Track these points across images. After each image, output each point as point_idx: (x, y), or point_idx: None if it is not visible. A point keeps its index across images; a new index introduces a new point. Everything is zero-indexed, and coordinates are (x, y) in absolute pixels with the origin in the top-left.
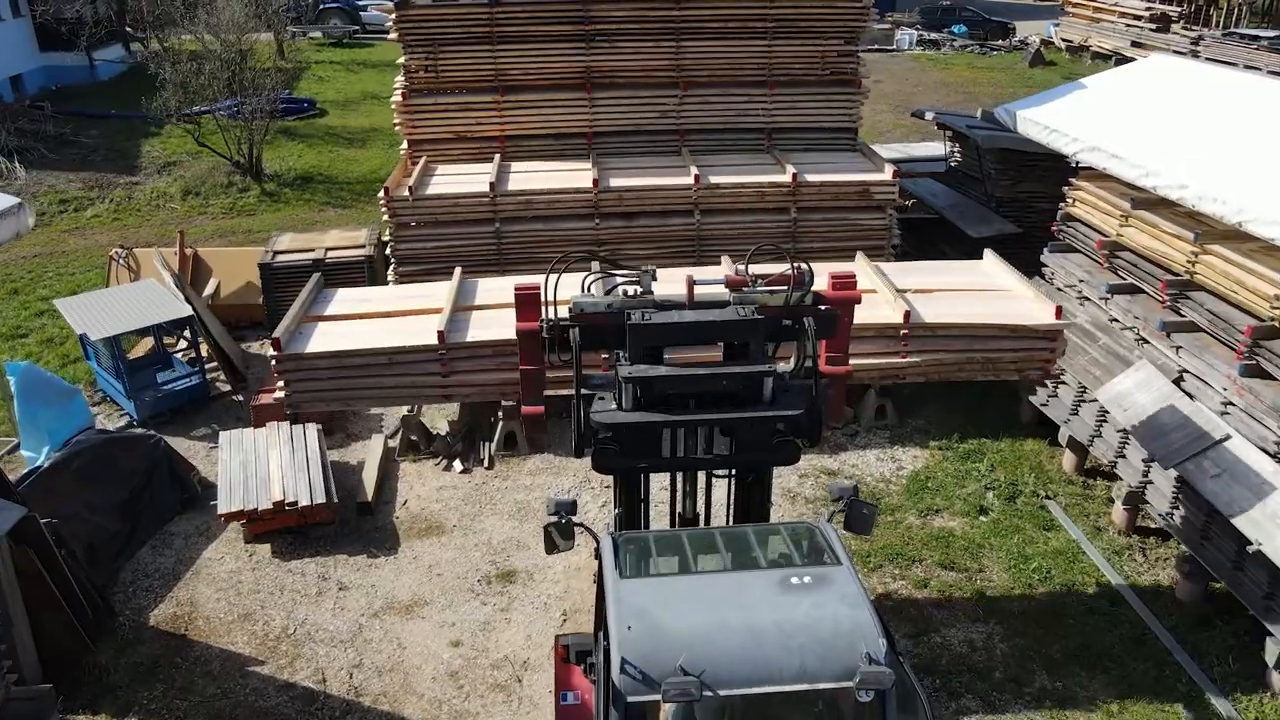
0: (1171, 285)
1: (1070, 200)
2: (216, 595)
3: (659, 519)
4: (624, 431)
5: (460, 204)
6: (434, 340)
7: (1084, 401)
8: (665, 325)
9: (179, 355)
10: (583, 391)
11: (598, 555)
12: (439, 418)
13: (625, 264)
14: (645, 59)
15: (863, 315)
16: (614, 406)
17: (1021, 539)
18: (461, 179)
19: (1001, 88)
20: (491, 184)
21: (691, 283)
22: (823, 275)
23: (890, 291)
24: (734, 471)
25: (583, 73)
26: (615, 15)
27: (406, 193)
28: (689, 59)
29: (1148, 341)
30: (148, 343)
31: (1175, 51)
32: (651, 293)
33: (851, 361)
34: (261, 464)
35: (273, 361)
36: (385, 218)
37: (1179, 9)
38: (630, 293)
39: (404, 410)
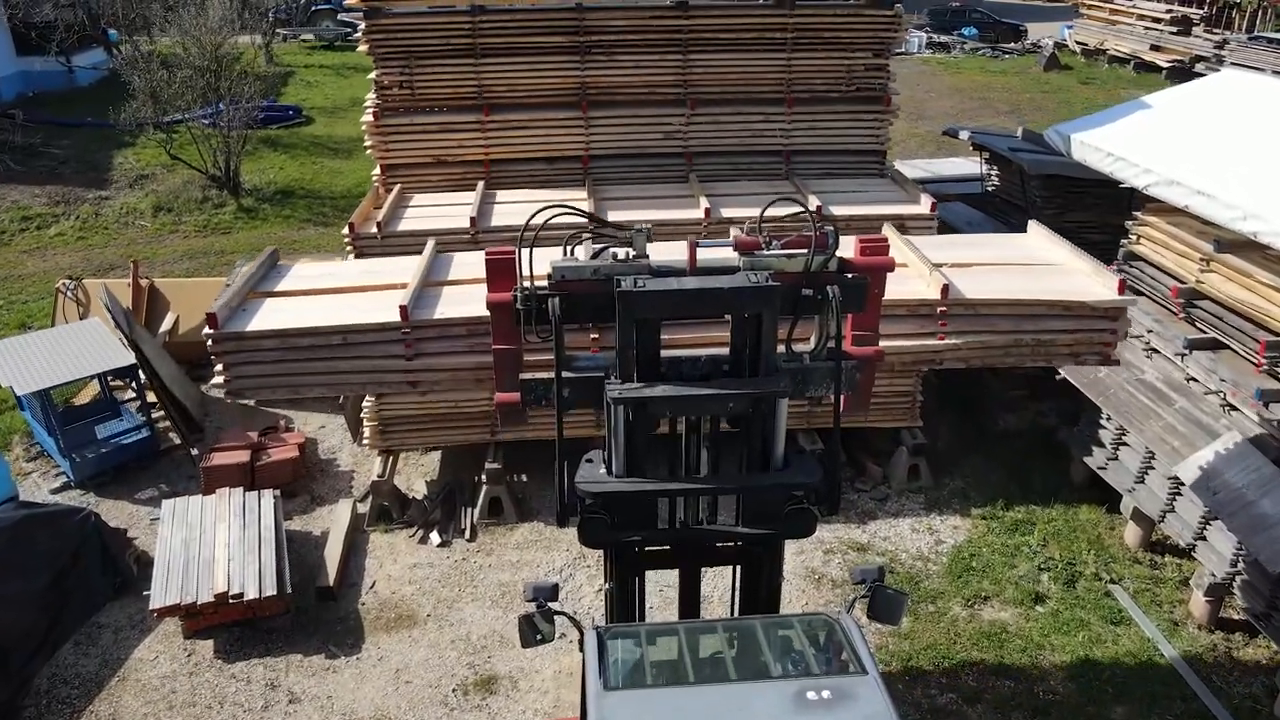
0: (1271, 346)
1: (1134, 237)
2: (144, 710)
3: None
4: (615, 501)
5: (437, 242)
6: (396, 317)
7: (1151, 469)
8: (662, 293)
9: (128, 404)
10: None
11: (583, 648)
12: (415, 478)
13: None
14: (648, 73)
15: (894, 290)
16: (602, 470)
17: (1087, 636)
18: (440, 211)
19: (1017, 93)
20: (473, 218)
21: (694, 245)
22: (848, 247)
23: (925, 265)
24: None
25: (577, 89)
26: (614, 25)
27: (375, 229)
28: (697, 73)
29: (1236, 409)
30: (95, 387)
31: (1198, 56)
32: (646, 256)
33: (882, 343)
34: (206, 542)
35: (209, 342)
36: (351, 257)
37: (1200, 11)
38: (621, 256)
39: (375, 474)
